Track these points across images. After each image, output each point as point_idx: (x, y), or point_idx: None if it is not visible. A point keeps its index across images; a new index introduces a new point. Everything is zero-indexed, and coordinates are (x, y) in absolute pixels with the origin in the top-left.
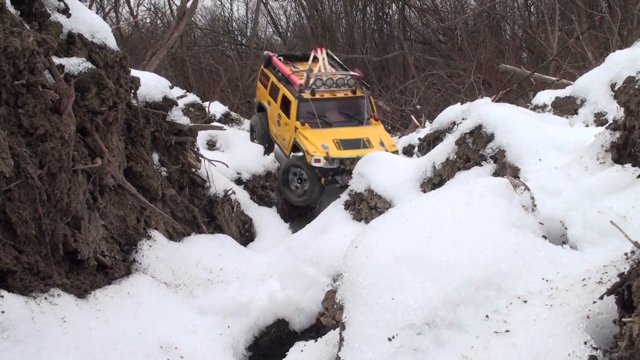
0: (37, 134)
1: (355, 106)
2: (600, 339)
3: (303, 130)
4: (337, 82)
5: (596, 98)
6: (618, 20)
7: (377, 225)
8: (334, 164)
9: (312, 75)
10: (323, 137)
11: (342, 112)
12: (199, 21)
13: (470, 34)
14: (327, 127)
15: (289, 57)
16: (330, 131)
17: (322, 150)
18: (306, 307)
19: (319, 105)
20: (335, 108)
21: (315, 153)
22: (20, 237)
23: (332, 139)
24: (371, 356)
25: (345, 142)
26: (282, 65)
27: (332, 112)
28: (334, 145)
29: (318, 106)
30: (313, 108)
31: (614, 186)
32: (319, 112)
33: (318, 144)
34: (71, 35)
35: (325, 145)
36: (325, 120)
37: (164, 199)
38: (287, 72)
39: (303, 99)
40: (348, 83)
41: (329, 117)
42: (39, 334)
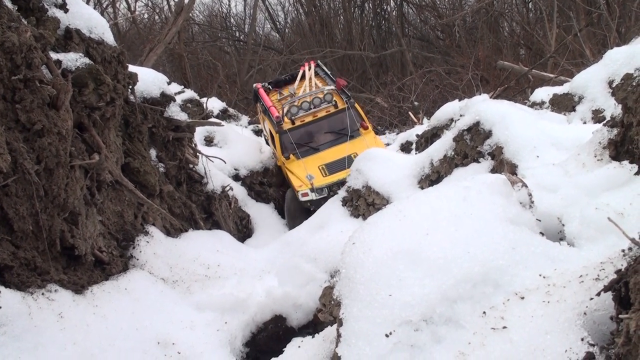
0: (34, 129)
1: (340, 121)
2: (597, 336)
3: (289, 164)
4: (313, 102)
5: (594, 95)
6: (616, 17)
7: (375, 221)
8: (323, 193)
9: (285, 104)
10: (306, 167)
11: (329, 132)
12: (197, 17)
13: (468, 30)
14: (315, 152)
15: (277, 84)
16: (316, 157)
17: (307, 182)
18: (304, 303)
19: (302, 133)
20: (321, 129)
21: (301, 188)
22: (18, 232)
23: (318, 165)
24: (368, 352)
25: (331, 165)
26: (265, 96)
27: (317, 134)
28: (320, 172)
29: (301, 134)
30: (291, 138)
31: (612, 183)
32: (304, 138)
33: (302, 177)
34: (69, 30)
35: (309, 176)
36: (311, 146)
37: (161, 194)
38: (267, 103)
39: (282, 131)
40: (326, 100)
41: (315, 141)
42: (36, 330)
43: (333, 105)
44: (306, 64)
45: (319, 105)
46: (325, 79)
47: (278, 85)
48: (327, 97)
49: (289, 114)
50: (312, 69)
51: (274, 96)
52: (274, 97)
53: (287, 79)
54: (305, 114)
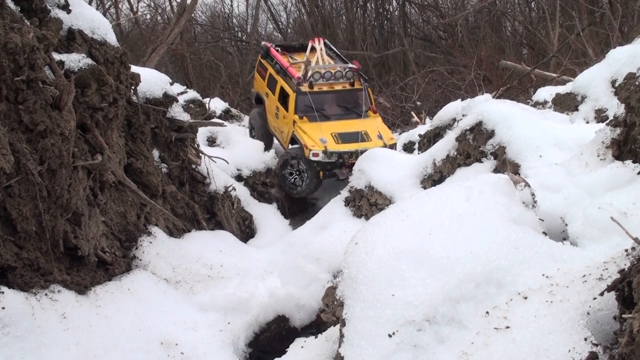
0: (37, 130)
1: (354, 99)
2: (601, 335)
3: (301, 124)
4: (335, 75)
5: (597, 94)
6: (619, 17)
7: (378, 221)
8: (332, 157)
9: (310, 68)
10: (321, 131)
11: (340, 105)
12: (199, 17)
13: (471, 30)
14: (326, 120)
15: (287, 48)
16: (329, 124)
17: (321, 144)
18: (306, 303)
19: (317, 98)
20: (334, 101)
21: (314, 147)
22: (21, 233)
23: (330, 132)
24: (371, 352)
25: (343, 135)
26: (279, 57)
27: (330, 105)
28: (332, 139)
29: (316, 99)
30: (311, 101)
31: (615, 182)
32: (317, 105)
33: (316, 138)
34: (71, 31)
35: (323, 139)
36: (323, 114)
37: (164, 195)
38: (285, 64)
39: (301, 92)
40: (346, 76)
41: (327, 110)
42: (40, 330)
43: (350, 82)
44: (316, 39)
45: (339, 79)
46: (336, 59)
47: (287, 50)
48: (348, 74)
49: (311, 78)
50: (322, 44)
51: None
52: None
53: (297, 47)
54: (324, 82)
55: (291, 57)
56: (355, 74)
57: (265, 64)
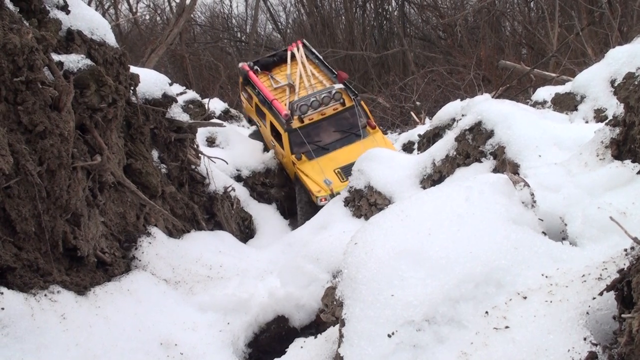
0: (36, 130)
1: (348, 119)
2: (600, 335)
3: (301, 165)
4: (323, 100)
5: (596, 94)
6: (618, 17)
7: (377, 221)
8: None
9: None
10: (322, 171)
11: (337, 130)
12: (199, 18)
13: (470, 30)
14: (325, 152)
15: (265, 65)
16: (329, 158)
17: (326, 187)
18: (306, 303)
19: (310, 132)
20: (328, 128)
21: (320, 193)
22: (20, 234)
23: (333, 168)
24: (371, 352)
25: (346, 168)
26: (260, 84)
27: (326, 133)
28: (337, 177)
29: (309, 132)
30: (303, 137)
31: (614, 182)
32: (312, 138)
33: (320, 181)
34: (70, 32)
35: (327, 181)
36: (320, 146)
37: (163, 195)
38: (269, 96)
39: (292, 130)
40: (334, 98)
41: (324, 140)
42: (39, 331)
43: (340, 102)
44: (294, 45)
45: (328, 104)
46: (319, 66)
47: (266, 68)
48: (336, 95)
49: (298, 112)
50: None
51: (265, 80)
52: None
53: (276, 60)
54: (313, 112)
55: (272, 78)
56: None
57: (249, 90)
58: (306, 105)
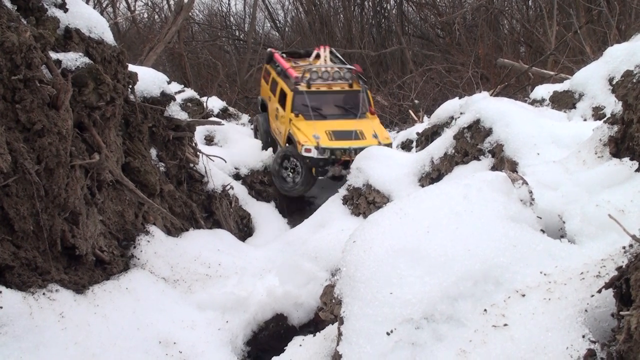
0: (34, 129)
1: (352, 100)
2: (598, 333)
3: (296, 121)
4: (333, 75)
5: (594, 92)
6: (616, 15)
7: (376, 219)
8: (325, 154)
9: (307, 67)
10: (315, 128)
11: (338, 106)
12: (197, 16)
13: (468, 28)
14: (322, 119)
15: (292, 54)
16: (324, 123)
17: (313, 140)
18: (305, 302)
19: (314, 98)
20: (331, 101)
21: (306, 143)
22: (18, 232)
23: (325, 130)
24: (369, 350)
25: (337, 133)
26: (282, 60)
27: (327, 105)
28: (326, 136)
29: (313, 98)
30: (307, 100)
31: (612, 180)
32: (315, 104)
33: (309, 134)
34: (68, 30)
35: (316, 136)
36: (320, 113)
37: (162, 194)
38: (285, 66)
39: (298, 91)
40: (344, 77)
41: (324, 110)
42: (38, 330)
43: (348, 84)
44: (321, 47)
45: (337, 80)
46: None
47: (292, 56)
48: (346, 74)
49: (307, 78)
50: (327, 51)
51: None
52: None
53: (302, 54)
54: (322, 82)
55: (294, 62)
56: (354, 75)
57: (269, 68)
58: (317, 73)
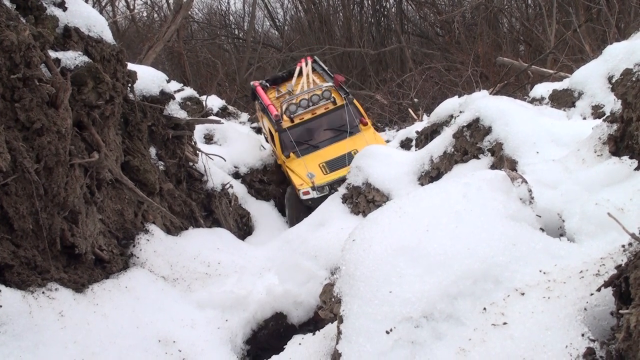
0: (33, 128)
1: (339, 118)
2: (598, 331)
3: (289, 162)
4: (312, 99)
5: (593, 90)
6: (615, 13)
7: (375, 218)
8: (324, 191)
9: (284, 102)
10: (307, 166)
11: (328, 129)
12: (196, 15)
13: (468, 26)
14: (314, 150)
15: (274, 81)
16: (316, 155)
17: (308, 180)
18: (304, 300)
19: (300, 131)
20: (319, 126)
21: (302, 186)
22: (18, 231)
23: (318, 163)
24: (369, 349)
25: (331, 162)
26: (263, 94)
27: (317, 132)
28: (320, 170)
29: (299, 132)
30: (291, 137)
31: (612, 179)
32: (304, 136)
33: (303, 175)
34: (67, 29)
35: (310, 174)
36: (311, 144)
37: (161, 193)
38: (266, 102)
39: (282, 129)
40: (324, 97)
41: (315, 139)
42: (37, 329)
43: (332, 102)
44: (303, 61)
45: (318, 103)
46: (323, 75)
47: (275, 83)
48: (325, 94)
49: (287, 112)
50: (309, 65)
51: (272, 94)
52: (272, 95)
53: (285, 76)
54: (304, 111)
55: (278, 90)
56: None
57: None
58: (295, 104)
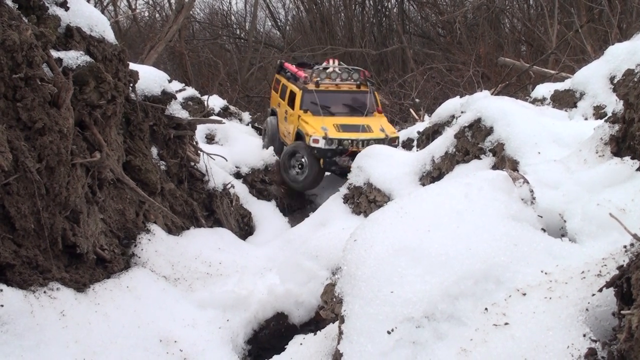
0: (35, 127)
1: (359, 99)
2: (599, 332)
3: (305, 116)
4: (341, 75)
5: (595, 91)
6: (617, 13)
7: (376, 218)
8: (333, 145)
9: (315, 69)
10: (323, 122)
11: (346, 104)
12: (198, 15)
13: (470, 27)
14: (330, 115)
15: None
16: (332, 118)
17: (321, 131)
18: (305, 300)
19: (322, 96)
20: (339, 100)
21: (314, 134)
22: (19, 231)
23: (333, 123)
24: (370, 349)
25: (345, 126)
26: (292, 67)
27: (335, 103)
28: (334, 128)
29: (322, 97)
30: (316, 98)
31: (613, 179)
32: (323, 103)
33: (318, 127)
34: (69, 28)
35: (324, 128)
36: (328, 110)
37: (162, 192)
38: (293, 69)
39: (307, 89)
40: (352, 77)
41: (332, 108)
42: (38, 328)
43: (357, 85)
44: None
45: (345, 80)
46: None
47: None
48: (354, 75)
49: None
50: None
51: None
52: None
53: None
54: (330, 82)
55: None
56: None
57: (279, 77)
58: (325, 73)
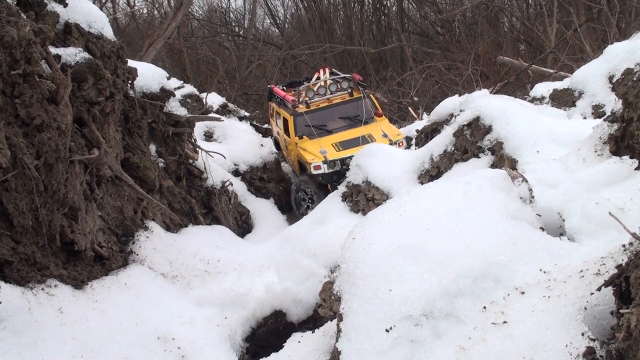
0: (33, 124)
1: (354, 109)
2: (598, 331)
3: (302, 143)
4: (329, 88)
5: (594, 90)
6: (616, 13)
7: (375, 216)
8: (335, 167)
9: (302, 88)
10: (321, 144)
11: (342, 117)
12: (196, 12)
13: (468, 26)
14: (328, 134)
15: (291, 84)
16: (330, 137)
17: (320, 155)
18: (303, 298)
19: (315, 116)
20: (334, 115)
21: (314, 160)
22: (17, 227)
23: (331, 143)
24: (368, 347)
25: (344, 143)
26: (280, 91)
27: (330, 119)
28: (333, 149)
29: (314, 117)
30: (308, 120)
31: (612, 178)
32: (318, 122)
33: (316, 151)
34: (68, 25)
35: (323, 151)
36: (324, 129)
37: (161, 190)
38: (281, 94)
39: (297, 114)
40: (342, 87)
41: (329, 125)
42: (36, 325)
43: (349, 93)
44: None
45: (335, 92)
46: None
47: (292, 86)
48: (343, 84)
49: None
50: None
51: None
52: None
53: (302, 81)
54: (321, 99)
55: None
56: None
57: (272, 104)
58: (312, 91)
